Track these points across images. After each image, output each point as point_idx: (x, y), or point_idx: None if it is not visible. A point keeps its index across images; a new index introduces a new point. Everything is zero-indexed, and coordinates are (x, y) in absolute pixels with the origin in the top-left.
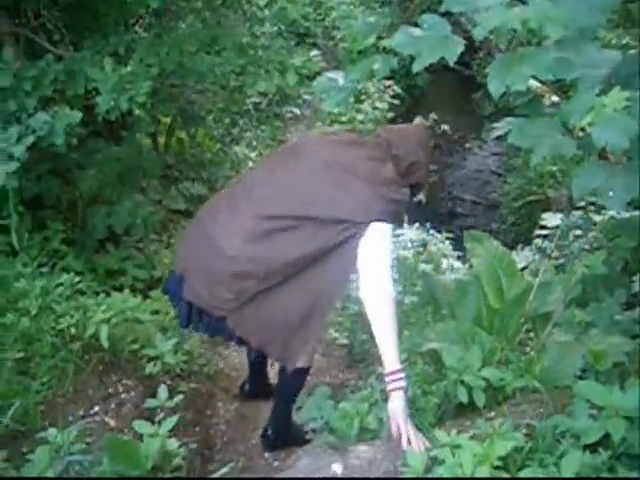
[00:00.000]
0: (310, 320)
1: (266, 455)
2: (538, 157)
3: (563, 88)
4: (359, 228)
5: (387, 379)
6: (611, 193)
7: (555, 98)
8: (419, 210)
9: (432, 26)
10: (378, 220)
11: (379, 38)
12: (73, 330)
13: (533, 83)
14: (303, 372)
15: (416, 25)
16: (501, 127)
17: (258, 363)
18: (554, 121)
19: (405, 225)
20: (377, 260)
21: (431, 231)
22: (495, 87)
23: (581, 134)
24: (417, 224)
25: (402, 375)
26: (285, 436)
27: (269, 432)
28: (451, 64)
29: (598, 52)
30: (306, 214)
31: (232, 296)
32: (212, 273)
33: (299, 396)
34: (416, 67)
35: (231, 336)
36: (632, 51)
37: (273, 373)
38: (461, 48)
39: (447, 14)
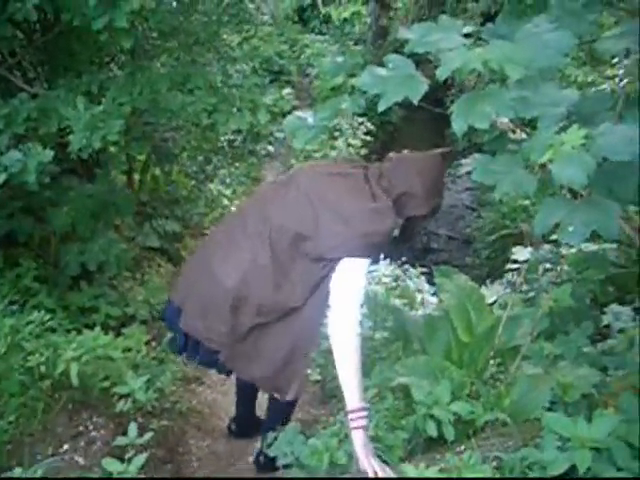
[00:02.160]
0: (294, 357)
1: None
2: (500, 193)
3: (532, 124)
4: (334, 264)
5: (348, 417)
6: (571, 228)
7: (522, 135)
8: (393, 245)
9: (397, 66)
10: (351, 256)
11: (351, 76)
12: (43, 368)
13: (501, 119)
14: (292, 403)
15: None
16: (468, 164)
17: (249, 395)
18: (516, 158)
19: (380, 261)
20: (345, 298)
21: (406, 266)
22: (458, 126)
23: (542, 170)
24: (388, 260)
25: (363, 414)
26: (273, 462)
27: (261, 457)
28: (415, 103)
29: (557, 91)
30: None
31: (226, 329)
32: (210, 305)
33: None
34: (381, 106)
35: (224, 368)
36: (597, 88)
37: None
38: (425, 88)
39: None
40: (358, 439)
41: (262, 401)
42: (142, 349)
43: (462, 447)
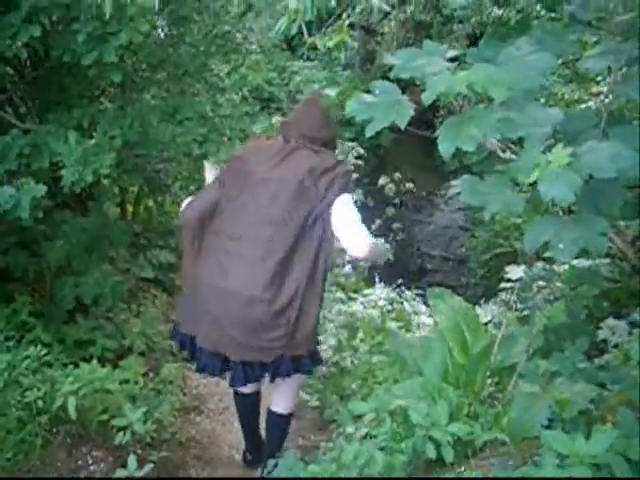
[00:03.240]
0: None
1: None
2: (489, 214)
3: (521, 142)
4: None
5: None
6: (561, 245)
7: (511, 154)
8: (389, 268)
9: (383, 92)
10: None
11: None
12: (40, 403)
13: (490, 140)
14: (288, 418)
15: None
16: (457, 185)
17: (254, 420)
18: (504, 178)
19: (376, 284)
20: (358, 220)
21: (401, 289)
22: (445, 148)
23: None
24: (383, 283)
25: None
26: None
27: (264, 470)
28: (402, 127)
29: (542, 111)
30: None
31: (282, 332)
32: (249, 321)
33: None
34: (369, 132)
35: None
36: (582, 106)
37: None
38: (411, 112)
39: None
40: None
41: None
42: (139, 381)
43: (462, 468)
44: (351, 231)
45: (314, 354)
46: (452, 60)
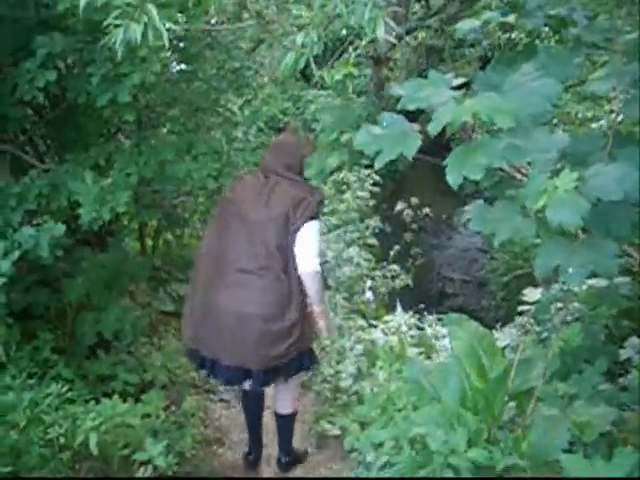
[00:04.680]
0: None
1: None
2: (499, 241)
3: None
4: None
5: (315, 312)
6: (571, 269)
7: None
8: (409, 294)
9: (391, 123)
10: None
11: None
12: (62, 440)
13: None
14: (293, 415)
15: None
16: (469, 211)
17: (257, 425)
18: (513, 204)
19: (397, 310)
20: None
21: (423, 313)
22: (453, 178)
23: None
24: (404, 308)
25: (323, 312)
26: (293, 459)
27: (282, 459)
28: (409, 159)
29: (547, 136)
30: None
31: (295, 338)
32: (270, 336)
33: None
34: (378, 164)
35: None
36: (595, 124)
37: None
38: (418, 144)
39: None
40: (325, 324)
41: None
42: (161, 414)
43: None
44: (303, 252)
45: (311, 352)
46: (459, 87)
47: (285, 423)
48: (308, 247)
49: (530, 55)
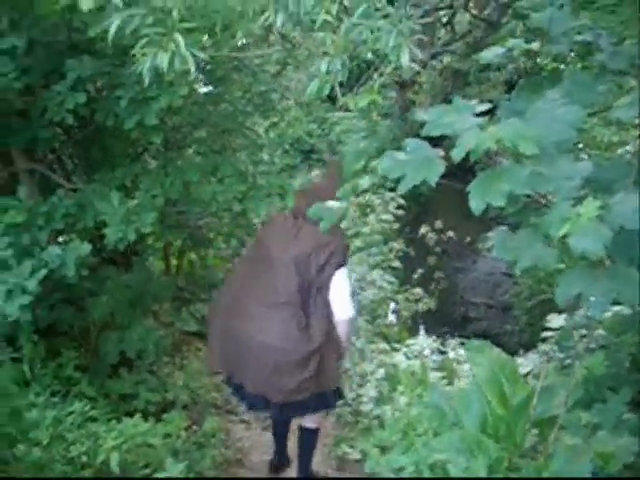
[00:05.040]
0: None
1: None
2: (521, 268)
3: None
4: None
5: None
6: (592, 298)
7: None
8: (432, 317)
9: (414, 149)
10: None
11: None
12: (84, 458)
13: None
14: (316, 431)
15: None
16: (493, 237)
17: (283, 436)
18: (535, 232)
19: (420, 333)
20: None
21: (446, 337)
22: (476, 204)
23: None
24: (427, 332)
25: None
26: (312, 474)
27: (303, 474)
28: (432, 184)
29: (571, 164)
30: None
31: (308, 375)
32: (283, 367)
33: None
34: (401, 189)
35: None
36: (621, 149)
37: None
38: (442, 169)
39: None
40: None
41: None
42: (182, 434)
43: None
44: (339, 300)
45: (336, 392)
46: (483, 114)
47: (308, 437)
48: (342, 295)
49: (555, 81)
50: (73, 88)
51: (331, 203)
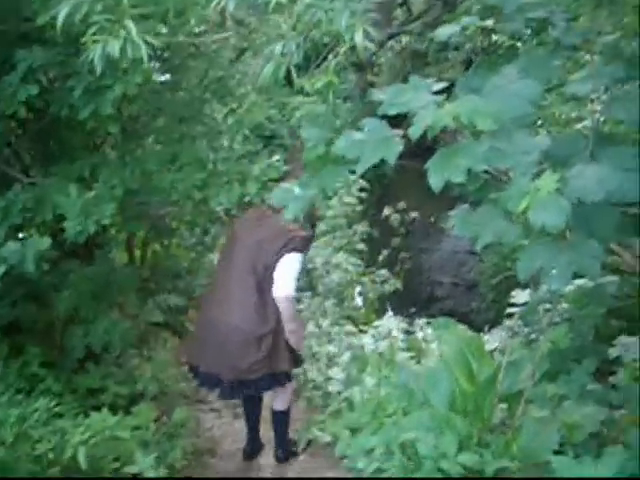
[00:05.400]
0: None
1: None
2: (482, 244)
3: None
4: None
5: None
6: (554, 271)
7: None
8: (399, 298)
9: (372, 129)
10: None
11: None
12: (51, 455)
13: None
14: (286, 413)
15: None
16: (454, 215)
17: (255, 422)
18: (496, 208)
19: (388, 314)
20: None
21: (413, 317)
22: (435, 181)
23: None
24: (394, 313)
25: (297, 336)
26: (289, 452)
27: (280, 454)
28: (391, 163)
29: (529, 139)
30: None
31: (262, 355)
32: (238, 347)
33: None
34: (359, 169)
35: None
36: (580, 124)
37: None
38: (400, 149)
39: None
40: (296, 344)
41: None
42: (151, 426)
43: None
44: (280, 278)
45: (288, 373)
46: (441, 92)
47: (279, 419)
48: (285, 274)
49: (511, 58)
50: (24, 79)
51: (295, 189)
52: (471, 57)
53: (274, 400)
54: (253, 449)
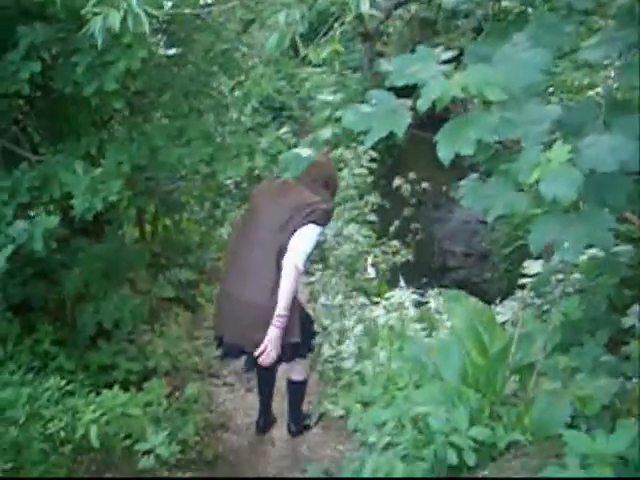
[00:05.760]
0: None
1: None
2: (492, 216)
3: None
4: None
5: (275, 318)
6: (566, 243)
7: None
8: (411, 269)
9: (380, 101)
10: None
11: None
12: (63, 434)
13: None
14: (304, 383)
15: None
16: (463, 186)
17: (268, 395)
18: (506, 179)
19: (400, 285)
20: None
21: (426, 288)
22: (444, 154)
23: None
24: (406, 284)
25: (284, 319)
26: (302, 425)
27: (292, 427)
28: (400, 135)
29: (540, 108)
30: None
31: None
32: (256, 319)
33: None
34: (367, 142)
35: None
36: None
37: None
38: (408, 120)
39: None
40: (273, 333)
41: None
42: (163, 402)
43: (486, 472)
44: (293, 246)
45: (305, 343)
46: (450, 61)
47: (295, 389)
48: (299, 246)
49: (522, 25)
50: (27, 56)
51: (301, 150)
52: (482, 25)
53: (291, 371)
54: (266, 422)
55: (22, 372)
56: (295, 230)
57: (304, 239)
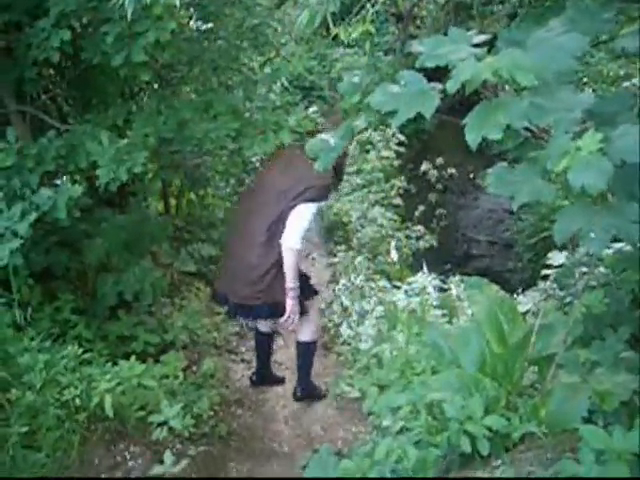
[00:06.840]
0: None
1: None
2: (518, 204)
3: None
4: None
5: (288, 292)
6: (593, 235)
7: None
8: (434, 255)
9: (409, 82)
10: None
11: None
12: (78, 401)
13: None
14: (312, 344)
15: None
16: (491, 173)
17: (264, 353)
18: (534, 167)
19: (423, 270)
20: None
21: (448, 275)
22: (472, 138)
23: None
24: (429, 269)
25: (297, 291)
26: (309, 392)
27: (298, 392)
28: (427, 117)
29: (572, 95)
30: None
31: (263, 287)
32: (249, 277)
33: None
34: (395, 123)
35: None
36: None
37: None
38: (436, 103)
39: None
40: (289, 304)
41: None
42: (179, 375)
43: (499, 462)
44: (290, 227)
45: (279, 307)
46: (483, 45)
47: (304, 350)
48: (294, 225)
49: (558, 10)
50: (57, 24)
51: (330, 139)
52: (517, 11)
53: (299, 331)
54: (259, 378)
55: (41, 339)
56: (291, 203)
57: (299, 219)
